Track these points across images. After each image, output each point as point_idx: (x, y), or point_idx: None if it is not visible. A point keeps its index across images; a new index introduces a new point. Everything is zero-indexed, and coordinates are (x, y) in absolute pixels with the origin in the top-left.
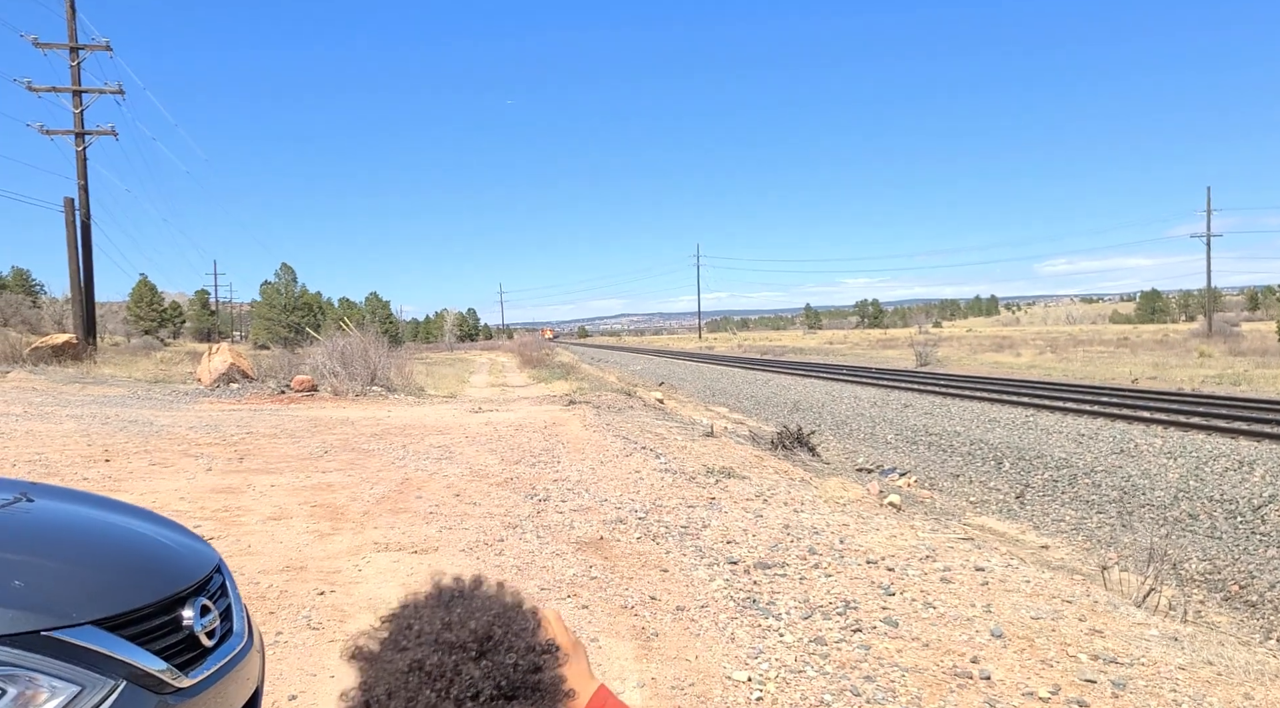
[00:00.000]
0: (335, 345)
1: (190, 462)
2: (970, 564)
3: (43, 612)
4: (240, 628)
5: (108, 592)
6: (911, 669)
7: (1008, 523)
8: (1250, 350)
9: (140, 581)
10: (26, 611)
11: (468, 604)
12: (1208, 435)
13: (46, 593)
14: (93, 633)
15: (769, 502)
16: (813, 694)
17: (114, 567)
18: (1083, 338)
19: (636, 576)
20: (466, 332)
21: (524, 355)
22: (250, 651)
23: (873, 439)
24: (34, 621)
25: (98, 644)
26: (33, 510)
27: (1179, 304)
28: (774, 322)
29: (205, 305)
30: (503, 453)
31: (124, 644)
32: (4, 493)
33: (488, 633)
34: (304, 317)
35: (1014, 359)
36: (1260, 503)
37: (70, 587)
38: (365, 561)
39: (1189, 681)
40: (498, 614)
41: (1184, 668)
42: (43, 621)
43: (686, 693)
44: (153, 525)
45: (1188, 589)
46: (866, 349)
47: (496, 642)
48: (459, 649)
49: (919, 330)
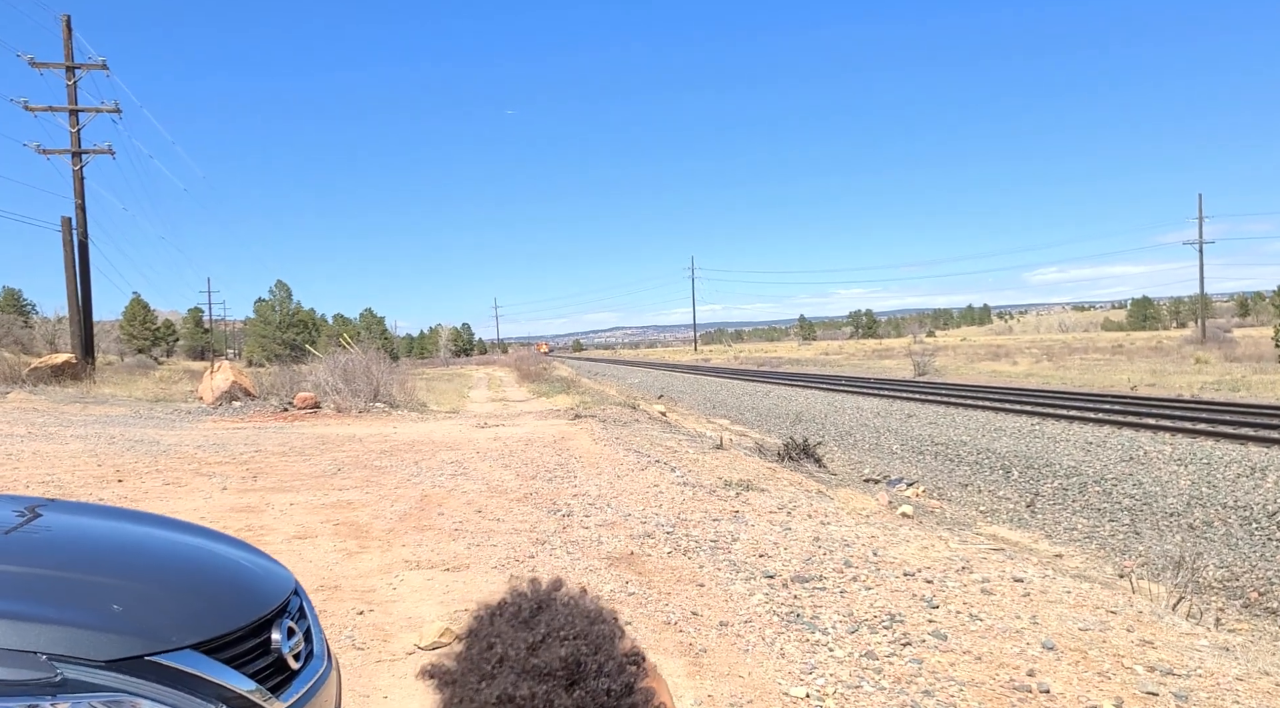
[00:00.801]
0: (337, 362)
1: (204, 481)
2: (1008, 575)
3: (144, 636)
4: (320, 650)
5: (203, 615)
6: (968, 683)
7: (1020, 532)
8: (1245, 356)
9: (231, 603)
10: (129, 635)
11: (550, 618)
12: (1216, 442)
13: (145, 617)
14: (192, 657)
15: (793, 514)
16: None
17: (204, 589)
18: (1077, 346)
19: (674, 591)
20: (461, 347)
21: (521, 370)
22: (330, 673)
23: (878, 450)
24: (137, 645)
25: (197, 668)
26: (111, 532)
27: (1170, 311)
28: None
29: (199, 323)
30: (517, 468)
31: (221, 668)
32: (77, 516)
33: (577, 659)
34: (299, 334)
35: (1011, 368)
36: (1276, 509)
37: (167, 610)
38: (398, 579)
39: (1250, 692)
40: (583, 631)
41: (1241, 679)
42: (145, 645)
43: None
44: (230, 547)
45: (1206, 597)
46: (863, 359)
47: (586, 669)
48: (549, 678)
49: (914, 340)
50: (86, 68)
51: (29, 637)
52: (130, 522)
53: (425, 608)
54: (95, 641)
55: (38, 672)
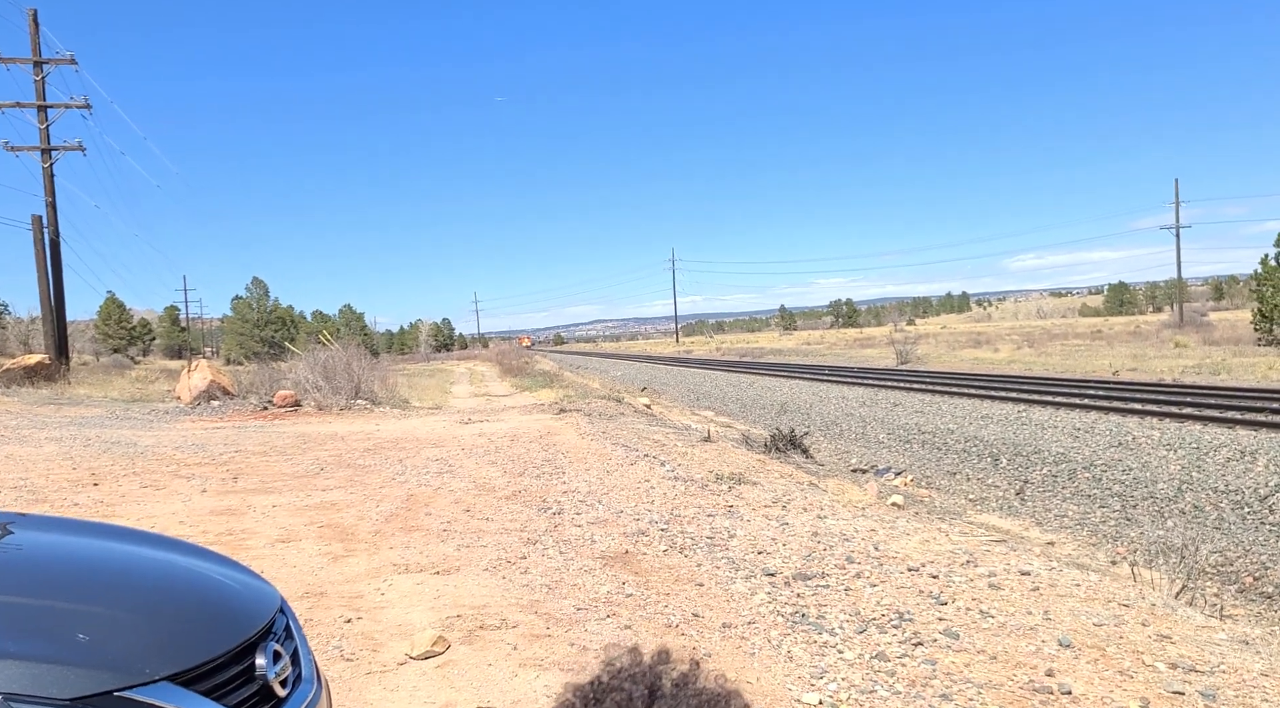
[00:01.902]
0: (317, 359)
1: (183, 483)
2: (1014, 569)
3: (113, 668)
4: (309, 673)
5: (178, 642)
6: (986, 685)
7: (1010, 520)
8: (1223, 339)
9: (210, 627)
10: (96, 668)
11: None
12: (1204, 426)
13: (114, 646)
14: (168, 690)
15: (788, 508)
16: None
17: (179, 613)
18: (1056, 332)
19: (672, 591)
20: (442, 342)
21: (503, 364)
22: (320, 697)
23: (864, 439)
24: (105, 679)
25: (174, 703)
26: (74, 549)
27: (1146, 296)
28: (749, 324)
29: (175, 322)
30: (504, 465)
31: (200, 701)
32: (32, 531)
33: None
34: (277, 331)
35: (993, 355)
36: (1267, 493)
37: (138, 638)
38: (387, 584)
39: (1277, 688)
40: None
41: (1267, 675)
42: (115, 679)
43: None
44: (207, 562)
45: (1201, 582)
46: (844, 349)
47: None
48: None
49: (895, 328)
50: (55, 63)
51: None
52: (94, 536)
53: (416, 614)
54: (57, 676)
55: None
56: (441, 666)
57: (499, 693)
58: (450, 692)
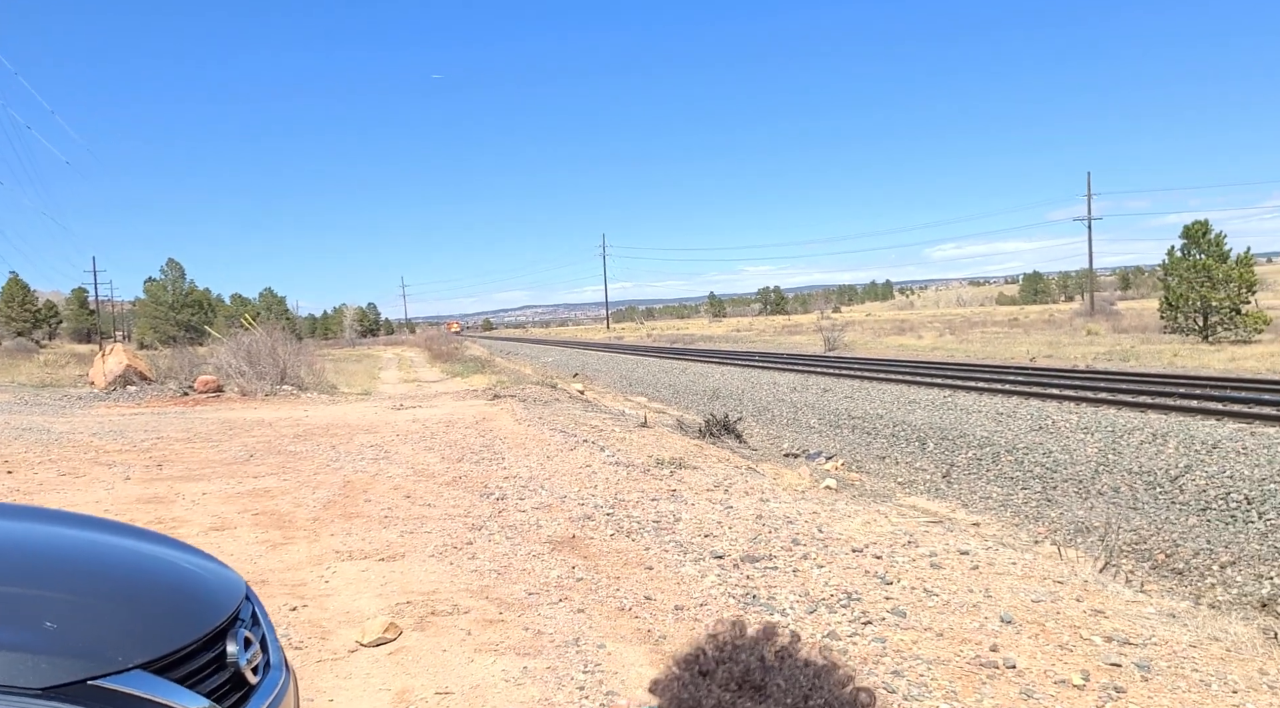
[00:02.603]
0: (240, 343)
1: (104, 471)
2: (953, 548)
3: (85, 657)
4: (277, 659)
5: (149, 629)
6: (935, 662)
7: (937, 502)
8: (1131, 328)
9: (179, 614)
10: (68, 657)
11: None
12: (1119, 410)
13: (84, 634)
14: (141, 678)
15: (730, 492)
16: None
17: (147, 599)
18: (976, 319)
19: (622, 575)
20: (368, 327)
21: (432, 350)
22: (289, 684)
23: (796, 424)
24: (78, 668)
25: (148, 691)
26: (30, 535)
27: (1059, 285)
28: (679, 310)
29: (83, 305)
30: (441, 451)
31: (175, 689)
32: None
33: None
34: (194, 314)
35: (917, 342)
36: (1177, 473)
37: (107, 625)
38: (330, 571)
39: (1205, 659)
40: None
41: (1195, 646)
42: (88, 668)
43: None
44: (169, 549)
45: (1117, 559)
46: (773, 336)
47: None
48: None
49: (822, 316)
50: None
51: None
52: (49, 523)
53: (363, 601)
54: (28, 665)
55: None
56: (394, 652)
57: (456, 679)
58: (406, 678)
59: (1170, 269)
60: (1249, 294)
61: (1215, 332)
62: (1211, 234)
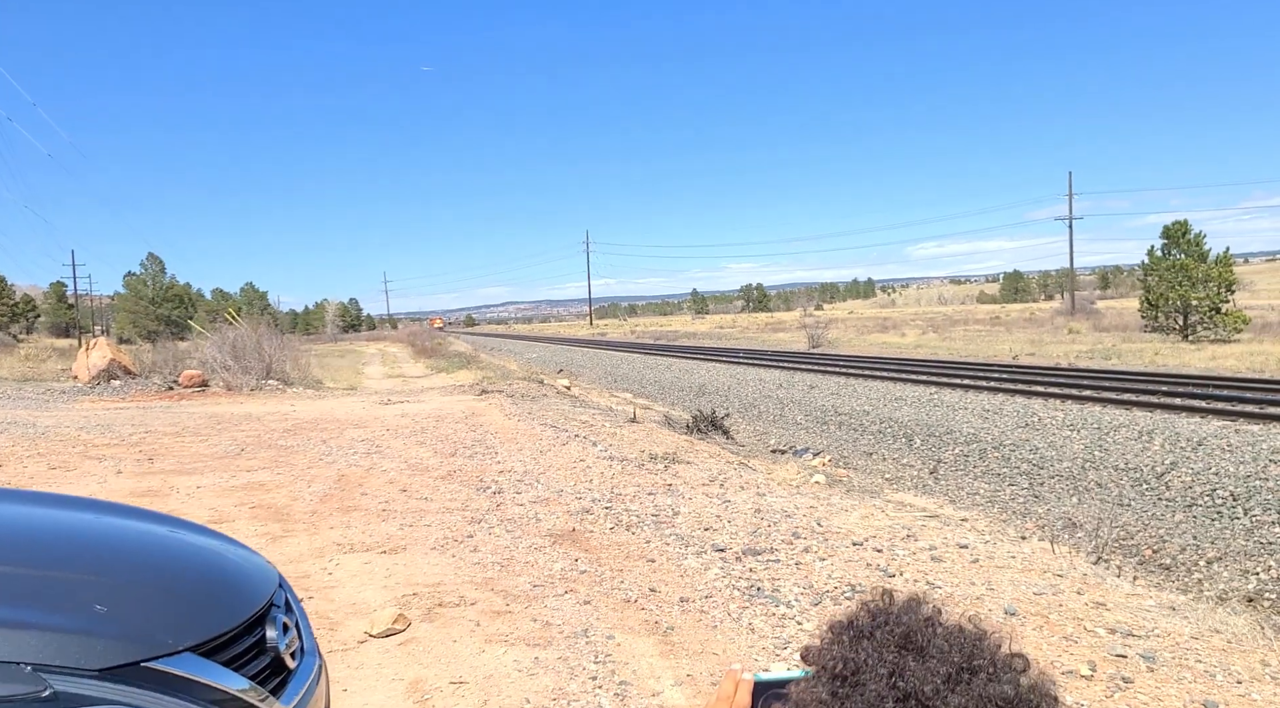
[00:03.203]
0: (226, 338)
1: (94, 464)
2: (952, 542)
3: (138, 640)
4: (311, 645)
5: (195, 613)
6: None
7: (925, 498)
8: (1112, 326)
9: (222, 599)
10: (122, 639)
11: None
12: (1104, 408)
13: (135, 617)
14: (192, 661)
15: (726, 486)
16: None
17: (191, 584)
18: (958, 318)
19: (625, 568)
20: (349, 322)
21: (415, 345)
22: (322, 670)
23: (783, 421)
24: (132, 650)
25: (197, 673)
26: (71, 521)
27: (1039, 284)
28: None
29: (62, 299)
30: (434, 446)
31: (223, 672)
32: (22, 504)
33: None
34: (175, 309)
35: (900, 339)
36: (1163, 470)
37: (155, 609)
38: (333, 563)
39: (1208, 650)
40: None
41: (1196, 638)
42: (141, 650)
43: None
44: (205, 536)
45: (1106, 555)
46: (757, 333)
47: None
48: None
49: (805, 313)
50: None
51: (9, 645)
52: (88, 511)
53: (369, 593)
54: (85, 647)
55: (23, 686)
56: (404, 643)
57: (469, 669)
58: (418, 668)
59: (1151, 269)
60: (1228, 294)
61: (1195, 331)
62: (1191, 234)
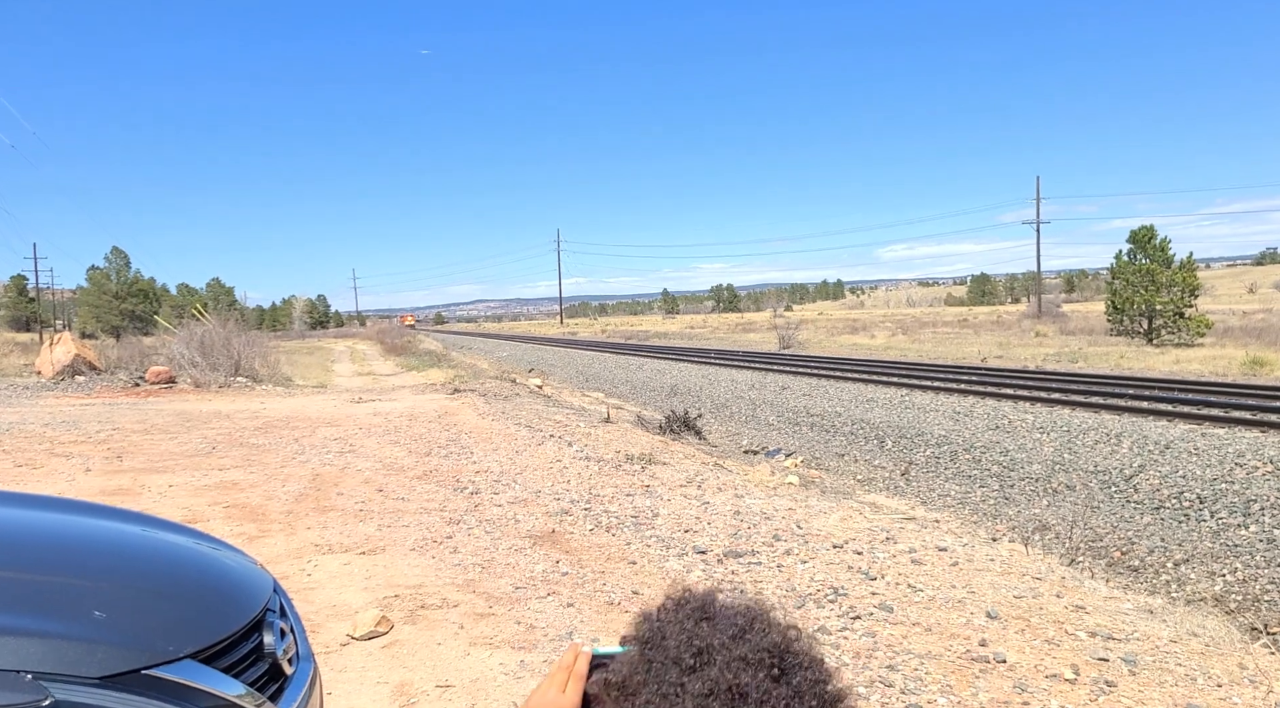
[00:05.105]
0: (194, 334)
1: (62, 462)
2: (930, 545)
3: (138, 647)
4: (306, 651)
5: (195, 620)
6: (927, 656)
7: (896, 500)
8: (1078, 330)
9: (220, 605)
10: (122, 646)
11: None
12: (1073, 411)
13: (134, 624)
14: (192, 668)
15: (704, 488)
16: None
17: (189, 590)
18: (927, 320)
19: (607, 570)
20: (317, 319)
21: (385, 343)
22: (318, 676)
23: (755, 421)
24: (132, 658)
25: (198, 680)
26: (63, 526)
27: (1006, 287)
28: (632, 306)
29: (23, 292)
30: (408, 445)
31: (221, 678)
32: (19, 509)
33: (785, 647)
34: (139, 304)
35: (870, 341)
36: (1131, 473)
37: (154, 615)
38: (312, 564)
39: (1187, 653)
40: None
41: (1175, 641)
42: (141, 657)
43: None
44: (199, 541)
45: (1076, 557)
46: (728, 333)
47: (790, 661)
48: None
49: (775, 314)
50: None
51: (9, 653)
52: (79, 514)
53: (349, 595)
54: (85, 654)
55: (24, 695)
56: (388, 646)
57: (454, 672)
58: (403, 672)
59: (1117, 273)
60: (1191, 298)
61: (1159, 335)
62: (1157, 239)
